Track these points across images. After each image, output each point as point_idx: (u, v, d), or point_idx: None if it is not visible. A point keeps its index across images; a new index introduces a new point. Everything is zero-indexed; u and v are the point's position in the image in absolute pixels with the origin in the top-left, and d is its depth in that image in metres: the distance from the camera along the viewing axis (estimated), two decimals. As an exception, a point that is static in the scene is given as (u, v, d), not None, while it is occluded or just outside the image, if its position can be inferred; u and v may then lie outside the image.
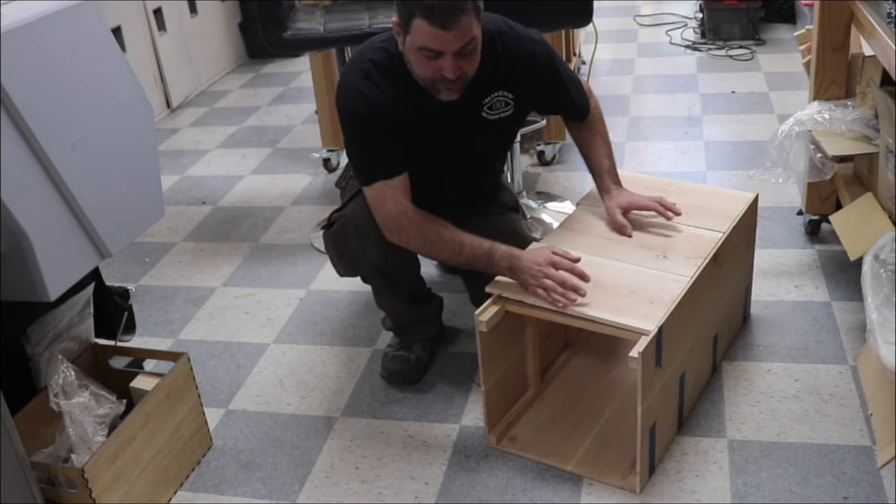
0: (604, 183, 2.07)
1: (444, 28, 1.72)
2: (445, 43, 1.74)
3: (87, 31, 1.71)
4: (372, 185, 1.87)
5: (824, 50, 2.44)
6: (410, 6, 1.73)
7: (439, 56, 1.77)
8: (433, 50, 1.76)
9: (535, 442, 1.94)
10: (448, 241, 1.86)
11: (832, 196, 2.57)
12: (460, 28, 1.73)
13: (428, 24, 1.72)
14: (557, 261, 1.80)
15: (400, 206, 1.86)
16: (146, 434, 1.81)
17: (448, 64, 1.77)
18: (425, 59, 1.78)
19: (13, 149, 1.52)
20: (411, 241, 1.89)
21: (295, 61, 4.94)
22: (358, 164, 1.93)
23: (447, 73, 1.78)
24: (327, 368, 2.29)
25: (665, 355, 1.74)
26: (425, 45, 1.75)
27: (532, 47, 1.97)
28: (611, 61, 4.50)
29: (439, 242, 1.87)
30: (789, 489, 1.77)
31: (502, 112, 1.98)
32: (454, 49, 1.75)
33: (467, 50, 1.78)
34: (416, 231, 1.86)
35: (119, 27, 3.92)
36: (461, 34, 1.74)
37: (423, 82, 1.84)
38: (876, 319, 1.75)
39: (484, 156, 2.13)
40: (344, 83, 1.91)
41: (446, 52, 1.76)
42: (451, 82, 1.81)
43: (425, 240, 1.87)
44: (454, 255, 1.87)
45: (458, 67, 1.79)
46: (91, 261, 1.74)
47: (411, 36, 1.76)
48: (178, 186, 3.51)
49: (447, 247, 1.87)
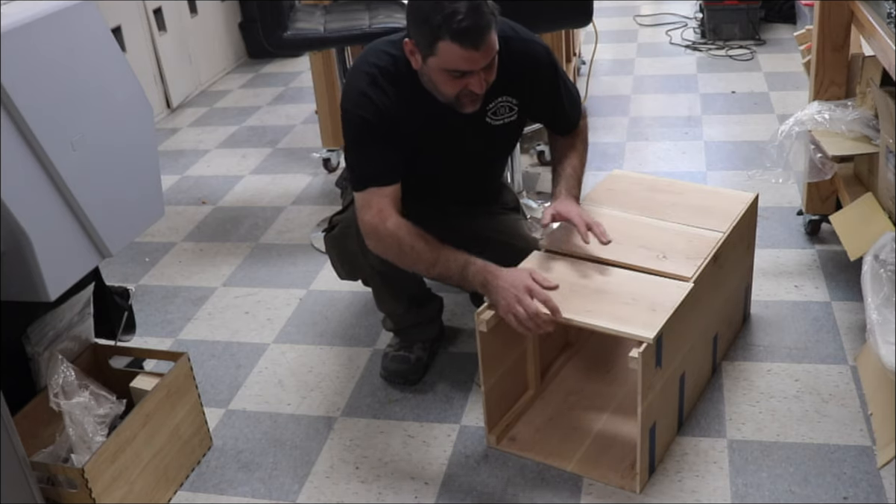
0: (556, 188, 2.01)
1: (475, 49, 1.72)
2: (475, 62, 1.75)
3: (87, 31, 1.71)
4: (363, 191, 1.87)
5: (824, 50, 2.44)
6: (436, 30, 1.72)
7: (466, 74, 1.77)
8: (462, 71, 1.76)
9: (535, 442, 1.94)
10: (423, 254, 1.82)
11: (832, 196, 2.58)
12: (489, 45, 1.74)
13: (460, 48, 1.71)
14: (534, 289, 1.75)
15: (381, 216, 1.84)
16: (146, 434, 1.81)
17: (476, 80, 1.78)
18: (452, 78, 1.78)
19: (13, 149, 1.52)
20: (387, 251, 1.86)
21: (295, 61, 4.94)
22: (354, 168, 1.92)
23: (475, 89, 1.79)
24: (327, 368, 2.29)
25: (665, 355, 1.74)
26: (457, 67, 1.75)
27: (536, 50, 1.97)
28: (611, 61, 4.50)
29: (414, 254, 1.82)
30: (789, 489, 1.77)
31: (506, 117, 1.98)
32: (483, 66, 1.76)
33: (493, 63, 1.79)
34: (393, 241, 1.83)
35: (119, 27, 3.92)
36: (489, 51, 1.75)
37: (446, 99, 1.84)
38: (876, 319, 1.75)
39: (487, 160, 2.13)
40: (350, 87, 1.91)
41: (475, 70, 1.76)
42: (476, 95, 1.82)
43: (400, 250, 1.84)
44: (428, 268, 1.84)
45: (486, 80, 1.80)
46: (91, 261, 1.74)
47: (437, 58, 1.75)
48: (178, 186, 3.51)
49: (422, 260, 1.83)
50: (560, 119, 2.09)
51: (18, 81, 1.52)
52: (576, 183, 2.02)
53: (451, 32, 1.70)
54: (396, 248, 1.84)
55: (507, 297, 1.74)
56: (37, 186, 1.58)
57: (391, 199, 1.86)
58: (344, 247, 2.04)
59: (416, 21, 1.77)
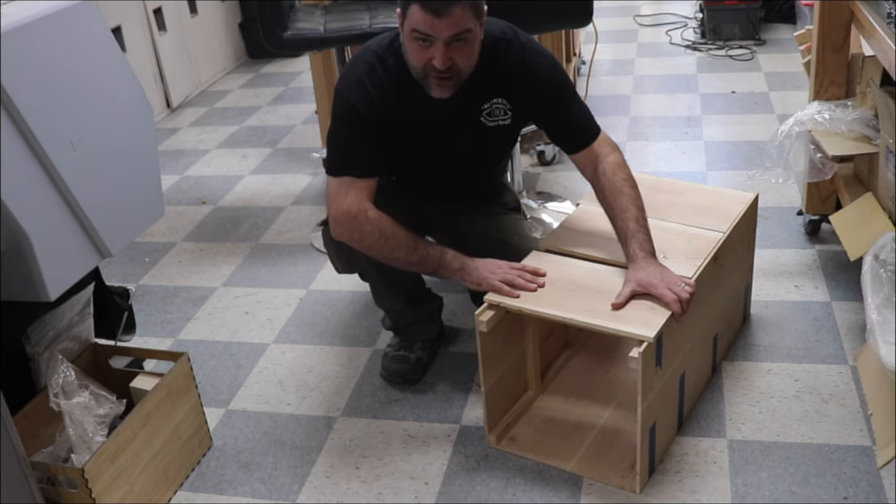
0: (630, 250, 1.83)
1: (436, 14, 1.72)
2: (437, 29, 1.74)
3: (87, 31, 1.71)
4: (339, 178, 1.88)
5: (824, 50, 2.44)
6: None
7: (431, 43, 1.77)
8: (424, 33, 1.75)
9: (535, 442, 1.94)
10: (403, 241, 1.85)
11: (832, 196, 2.57)
12: (453, 16, 1.73)
13: (421, 10, 1.73)
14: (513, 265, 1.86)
15: (362, 204, 1.85)
16: (146, 434, 1.81)
17: (438, 52, 1.77)
18: (419, 46, 1.78)
19: (13, 149, 1.52)
20: (364, 239, 1.87)
21: (295, 61, 4.94)
22: (334, 152, 1.92)
23: (437, 63, 1.77)
24: (327, 368, 2.29)
25: (665, 355, 1.74)
26: (416, 27, 1.76)
27: (536, 60, 1.93)
28: (611, 61, 4.50)
29: (394, 241, 1.85)
30: (789, 489, 1.77)
31: (501, 120, 1.97)
32: (445, 36, 1.75)
33: (460, 40, 1.77)
34: (374, 228, 1.85)
35: (119, 27, 3.92)
36: (453, 22, 1.74)
37: (417, 74, 1.84)
38: (876, 319, 1.75)
39: (482, 160, 2.12)
40: (348, 74, 1.92)
41: (437, 39, 1.76)
42: (443, 77, 1.80)
43: (381, 237, 1.85)
44: (408, 254, 1.87)
45: (448, 58, 1.78)
46: (91, 261, 1.74)
47: (407, 20, 1.77)
48: (178, 186, 3.51)
49: (401, 247, 1.85)
50: (567, 134, 1.99)
51: (18, 81, 1.52)
52: (645, 234, 1.84)
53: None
54: (377, 236, 1.85)
55: (487, 267, 1.85)
56: (37, 186, 1.58)
57: (367, 192, 1.87)
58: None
59: None
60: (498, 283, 1.82)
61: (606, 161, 1.93)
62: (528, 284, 1.82)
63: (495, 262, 1.87)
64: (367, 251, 1.89)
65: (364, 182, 1.87)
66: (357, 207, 1.85)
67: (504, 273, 1.84)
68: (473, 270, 1.86)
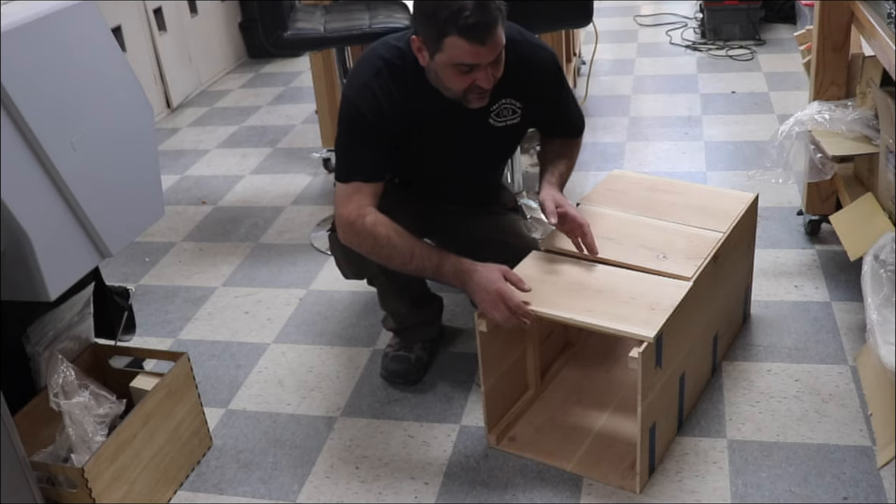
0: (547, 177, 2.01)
1: (482, 44, 1.72)
2: (482, 56, 1.75)
3: (87, 31, 1.71)
4: (347, 183, 1.88)
5: (824, 50, 2.44)
6: (443, 25, 1.72)
7: (473, 69, 1.77)
8: (470, 65, 1.76)
9: (535, 442, 1.94)
10: (399, 248, 1.83)
11: (832, 196, 2.57)
12: (495, 39, 1.74)
13: (467, 43, 1.72)
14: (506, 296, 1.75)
15: (360, 211, 1.84)
16: (146, 434, 1.81)
17: (483, 74, 1.78)
18: (458, 73, 1.78)
19: (13, 149, 1.52)
20: (362, 245, 1.86)
21: (295, 61, 4.94)
22: (342, 158, 1.93)
23: (483, 84, 1.79)
24: (327, 368, 2.29)
25: (665, 355, 1.74)
26: (463, 61, 1.75)
27: (542, 56, 1.97)
28: (611, 61, 4.50)
29: (389, 248, 1.83)
30: (789, 489, 1.77)
31: (509, 120, 1.98)
32: (490, 60, 1.76)
33: (499, 58, 1.79)
34: (368, 235, 1.84)
35: (119, 27, 3.92)
36: (496, 45, 1.75)
37: (454, 94, 1.84)
38: (876, 319, 1.75)
39: (488, 161, 2.13)
40: (356, 76, 1.91)
41: (482, 65, 1.76)
42: (484, 91, 1.82)
43: (376, 244, 1.84)
44: (404, 263, 1.85)
45: (493, 76, 1.80)
46: (91, 261, 1.74)
47: (444, 53, 1.76)
48: (178, 186, 3.51)
49: (397, 254, 1.84)
50: (561, 124, 2.09)
51: (18, 81, 1.52)
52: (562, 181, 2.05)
53: (458, 28, 1.71)
54: (372, 242, 1.84)
55: (484, 301, 1.78)
56: (37, 186, 1.58)
57: (372, 197, 1.87)
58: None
59: (423, 17, 1.77)
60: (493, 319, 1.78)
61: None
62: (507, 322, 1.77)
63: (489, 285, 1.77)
64: (368, 256, 1.89)
65: (370, 186, 1.87)
66: (355, 214, 1.85)
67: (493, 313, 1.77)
68: (471, 294, 1.82)
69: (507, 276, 1.79)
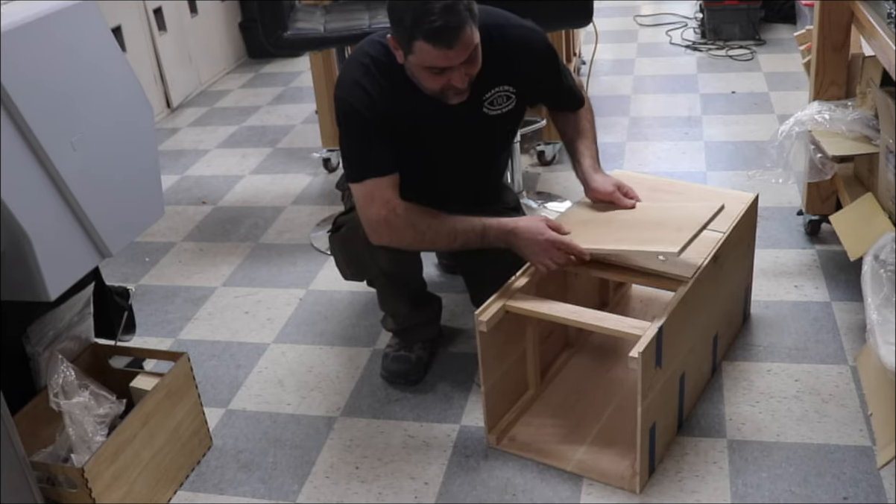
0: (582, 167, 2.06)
1: (449, 48, 1.72)
2: (451, 59, 1.75)
3: (87, 31, 1.71)
4: (362, 182, 1.87)
5: (824, 50, 2.44)
6: (410, 30, 1.72)
7: (446, 70, 1.77)
8: (440, 67, 1.76)
9: (535, 442, 1.94)
10: (441, 230, 1.86)
11: (832, 196, 2.57)
12: (463, 42, 1.73)
13: (433, 47, 1.72)
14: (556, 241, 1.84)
15: (389, 206, 1.85)
16: (146, 434, 1.81)
17: (457, 75, 1.78)
18: (433, 75, 1.79)
19: (13, 149, 1.52)
20: (403, 239, 1.88)
21: (295, 61, 4.94)
22: (350, 160, 1.92)
23: (457, 83, 1.79)
24: (327, 368, 2.29)
25: (665, 355, 1.74)
26: (433, 64, 1.76)
27: (528, 34, 1.97)
28: (611, 61, 4.50)
29: (431, 233, 1.86)
30: (789, 489, 1.77)
31: (504, 107, 1.99)
32: (461, 61, 1.76)
33: (472, 57, 1.79)
34: (407, 226, 1.85)
35: (119, 27, 3.92)
36: (465, 47, 1.75)
37: (432, 93, 1.84)
38: (876, 319, 1.75)
39: (486, 153, 2.13)
40: (344, 77, 1.92)
41: (454, 66, 1.76)
42: (460, 89, 1.82)
43: (417, 233, 1.86)
44: (450, 243, 1.88)
45: (467, 75, 1.80)
46: (91, 260, 1.74)
47: (415, 56, 1.76)
48: (178, 186, 3.51)
49: (441, 236, 1.87)
50: (565, 98, 2.12)
51: (18, 81, 1.52)
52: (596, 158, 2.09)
53: (423, 33, 1.70)
54: (412, 233, 1.86)
55: (533, 250, 1.86)
56: (37, 186, 1.58)
57: (393, 188, 1.86)
58: (351, 247, 2.04)
59: (393, 21, 1.78)
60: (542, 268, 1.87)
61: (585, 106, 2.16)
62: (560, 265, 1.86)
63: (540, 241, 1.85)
64: (410, 248, 1.92)
65: (386, 180, 1.86)
66: (386, 210, 1.85)
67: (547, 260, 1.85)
68: (519, 249, 1.88)
69: (547, 223, 1.87)
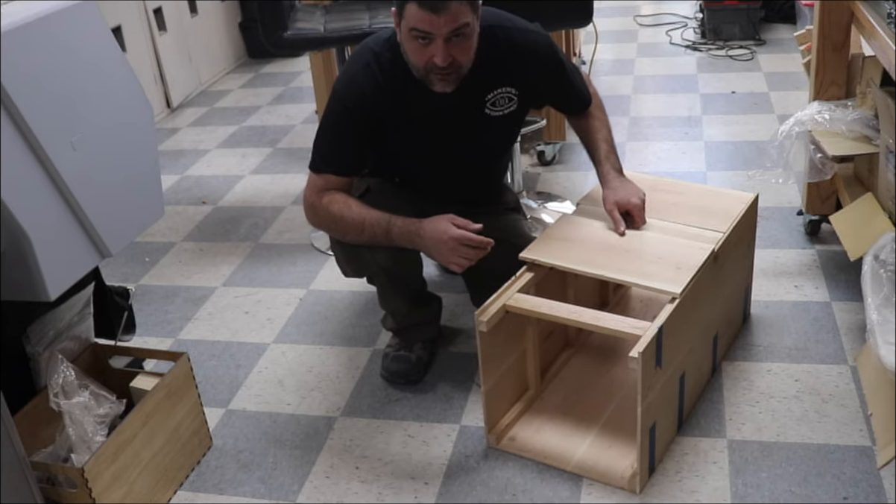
0: (603, 170, 2.06)
1: (434, 11, 1.73)
2: (435, 26, 1.75)
3: (87, 31, 1.71)
4: (319, 174, 1.94)
5: (824, 50, 2.44)
6: None
7: (431, 42, 1.77)
8: (423, 31, 1.76)
9: (535, 442, 1.94)
10: (351, 222, 1.90)
11: (832, 196, 2.57)
12: (450, 12, 1.74)
13: (418, 8, 1.74)
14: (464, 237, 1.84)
15: (320, 193, 1.93)
16: (146, 434, 1.81)
17: (438, 49, 1.77)
18: (418, 45, 1.79)
19: (13, 149, 1.52)
20: (322, 224, 1.97)
21: (295, 61, 4.94)
22: (318, 148, 1.97)
23: (438, 60, 1.79)
24: (327, 368, 2.29)
25: (665, 355, 1.74)
26: (415, 26, 1.77)
27: (534, 38, 1.98)
28: (611, 61, 4.50)
29: (343, 223, 1.91)
30: (789, 489, 1.77)
31: (506, 108, 1.99)
32: (444, 33, 1.76)
33: (458, 35, 1.78)
34: (326, 214, 1.92)
35: (119, 27, 3.92)
36: (452, 18, 1.75)
37: (418, 72, 1.85)
38: (876, 319, 1.75)
39: (486, 153, 2.13)
40: (345, 72, 1.95)
41: (437, 36, 1.76)
42: (444, 72, 1.81)
43: (332, 221, 1.93)
44: (358, 234, 1.92)
45: (449, 54, 1.79)
46: (91, 260, 1.74)
47: (405, 21, 1.78)
48: (178, 186, 3.51)
49: (350, 227, 1.91)
50: (575, 99, 2.13)
51: (18, 81, 1.52)
52: (615, 156, 2.09)
53: None
54: (329, 220, 1.94)
55: (440, 251, 1.86)
56: (37, 186, 1.58)
57: (338, 187, 1.94)
58: (353, 246, 2.04)
59: None
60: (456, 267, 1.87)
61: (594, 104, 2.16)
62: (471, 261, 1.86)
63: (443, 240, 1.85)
64: (333, 235, 1.99)
65: (338, 180, 1.94)
66: (315, 197, 1.93)
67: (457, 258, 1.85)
68: (425, 250, 1.91)
69: (452, 221, 1.86)
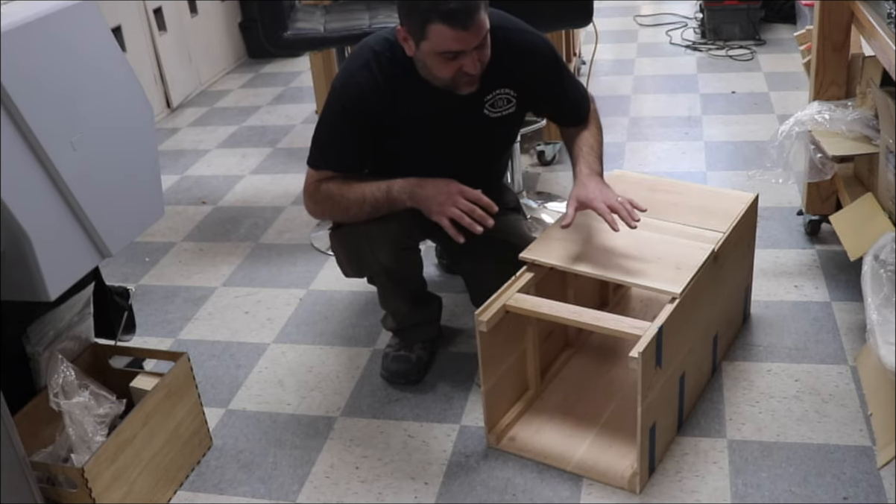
0: (577, 169, 1.97)
1: (465, 29, 1.73)
2: (467, 42, 1.76)
3: (87, 31, 1.71)
4: (318, 171, 1.94)
5: (824, 50, 2.44)
6: (425, 13, 1.73)
7: (459, 55, 1.78)
8: (455, 52, 1.77)
9: (535, 442, 1.94)
10: (351, 197, 1.91)
11: (832, 196, 2.57)
12: (478, 23, 1.75)
13: (449, 29, 1.73)
14: (464, 190, 1.83)
15: (317, 185, 1.93)
16: (146, 434, 1.81)
17: (469, 60, 1.79)
18: (444, 60, 1.79)
19: (13, 149, 1.52)
20: (324, 210, 1.97)
21: (295, 61, 4.94)
22: (317, 145, 1.97)
23: (469, 69, 1.80)
24: (327, 368, 2.29)
25: (665, 355, 1.74)
26: (448, 49, 1.76)
27: (533, 40, 1.98)
28: (611, 61, 4.50)
29: (344, 201, 1.91)
30: (789, 489, 1.77)
31: (505, 110, 1.99)
32: (474, 45, 1.77)
33: (484, 42, 1.80)
34: (325, 197, 1.93)
35: (119, 27, 3.92)
36: (479, 29, 1.76)
37: (443, 82, 1.85)
38: (876, 319, 1.75)
39: (485, 154, 2.13)
40: (346, 67, 1.95)
41: (468, 51, 1.77)
42: (472, 76, 1.83)
43: (333, 202, 1.93)
44: (360, 207, 1.91)
45: (479, 61, 1.81)
46: (91, 260, 1.74)
47: (429, 41, 1.77)
48: (178, 186, 3.51)
49: (353, 203, 1.91)
50: (567, 111, 2.09)
51: (18, 81, 1.52)
52: (595, 158, 1.98)
53: (440, 15, 1.72)
54: (330, 203, 1.94)
55: (438, 200, 1.84)
56: (37, 186, 1.58)
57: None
58: (352, 244, 2.04)
59: (405, 7, 1.79)
60: (446, 222, 1.83)
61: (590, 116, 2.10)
62: (473, 225, 1.83)
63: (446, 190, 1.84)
64: (334, 218, 1.98)
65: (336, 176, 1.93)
66: (313, 187, 1.94)
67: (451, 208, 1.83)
68: (423, 201, 1.87)
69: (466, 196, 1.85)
